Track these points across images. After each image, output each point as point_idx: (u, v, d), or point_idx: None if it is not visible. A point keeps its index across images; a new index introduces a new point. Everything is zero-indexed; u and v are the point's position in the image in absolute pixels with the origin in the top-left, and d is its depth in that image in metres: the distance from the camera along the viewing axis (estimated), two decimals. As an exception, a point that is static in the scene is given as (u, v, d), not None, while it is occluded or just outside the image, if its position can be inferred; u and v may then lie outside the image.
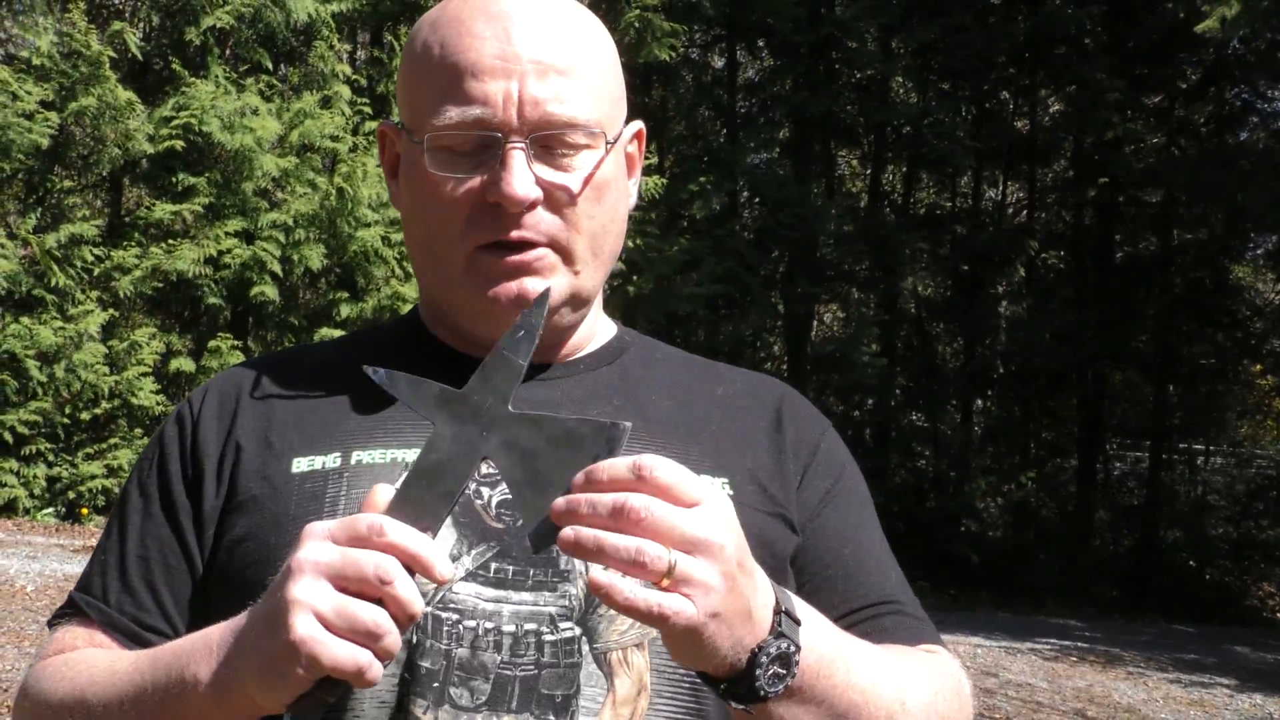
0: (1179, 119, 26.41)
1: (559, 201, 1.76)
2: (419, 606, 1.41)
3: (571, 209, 1.77)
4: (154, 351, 17.91)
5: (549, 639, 1.66)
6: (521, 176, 1.72)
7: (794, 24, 23.53)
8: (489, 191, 1.73)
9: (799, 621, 1.49)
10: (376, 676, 1.41)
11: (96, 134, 18.08)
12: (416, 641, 1.65)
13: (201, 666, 1.54)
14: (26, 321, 17.05)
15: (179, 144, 17.97)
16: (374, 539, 1.41)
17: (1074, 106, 25.63)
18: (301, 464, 1.78)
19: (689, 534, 1.36)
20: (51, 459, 17.35)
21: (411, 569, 1.41)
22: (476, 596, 1.67)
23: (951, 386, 26.34)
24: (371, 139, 19.21)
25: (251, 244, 18.14)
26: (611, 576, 1.34)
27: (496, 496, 1.72)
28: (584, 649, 1.66)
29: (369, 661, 1.40)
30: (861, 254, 25.30)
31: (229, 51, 19.35)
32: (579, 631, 1.67)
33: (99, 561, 1.87)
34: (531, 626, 1.66)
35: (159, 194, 18.67)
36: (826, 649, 1.55)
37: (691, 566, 1.36)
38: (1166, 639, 18.56)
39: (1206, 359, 26.52)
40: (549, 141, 1.74)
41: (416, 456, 1.46)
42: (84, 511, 17.18)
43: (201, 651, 1.56)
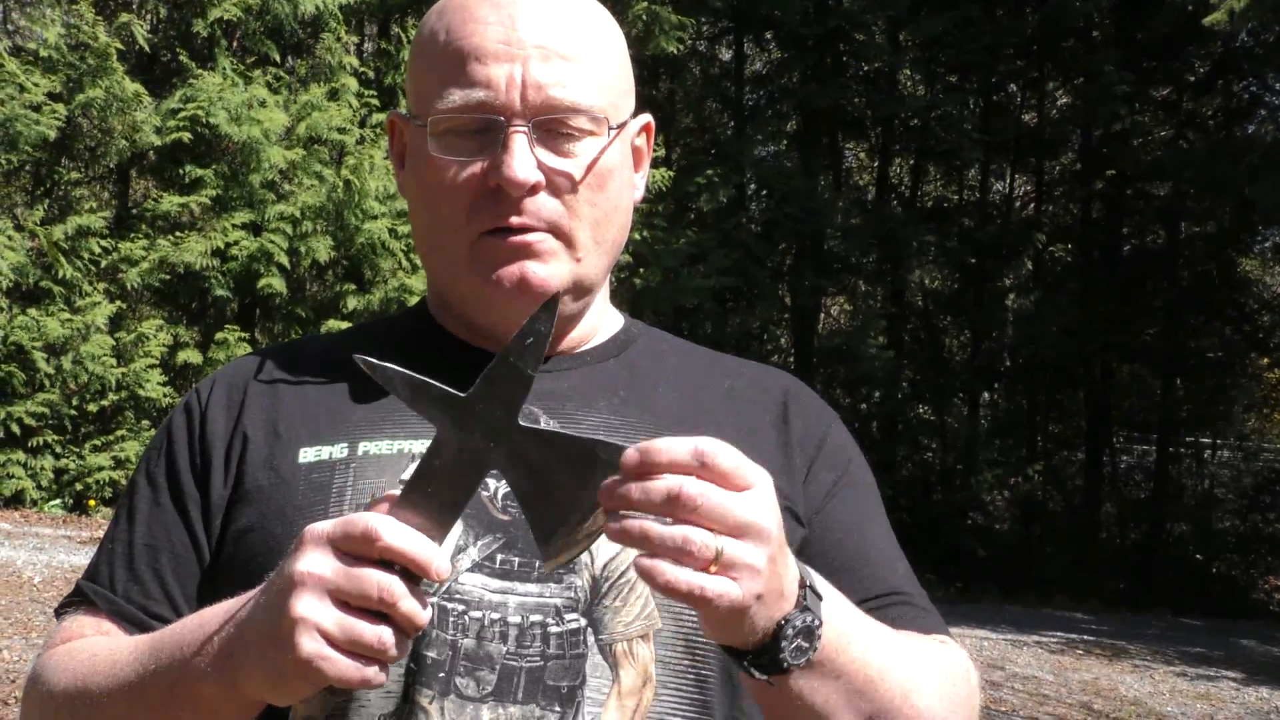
0: (1187, 112, 26.36)
1: (561, 187, 1.76)
2: (424, 619, 1.42)
3: (573, 195, 1.76)
4: (161, 343, 17.93)
5: (554, 630, 1.66)
6: (523, 160, 1.72)
7: (802, 16, 23.52)
8: (490, 175, 1.73)
9: (821, 596, 1.49)
10: (382, 681, 1.43)
11: (104, 126, 18.08)
12: (422, 632, 1.63)
13: (206, 664, 1.54)
14: (34, 313, 17.07)
15: (186, 136, 17.97)
16: (371, 545, 1.40)
17: (1082, 99, 25.61)
18: (308, 454, 1.78)
19: (741, 520, 1.35)
20: (59, 451, 17.37)
21: (412, 571, 1.41)
22: (483, 588, 1.67)
23: (958, 379, 26.32)
24: (379, 131, 19.22)
25: (259, 236, 18.15)
26: (654, 559, 1.34)
27: (503, 488, 1.71)
28: (589, 640, 1.66)
29: (374, 673, 1.41)
30: (869, 246, 25.27)
31: (236, 43, 19.34)
32: (584, 623, 1.67)
33: (106, 550, 1.87)
34: (537, 618, 1.66)
35: (166, 186, 18.67)
36: (845, 624, 1.55)
37: (740, 551, 1.36)
38: (1173, 632, 18.54)
39: (1214, 352, 26.49)
40: (552, 126, 1.74)
41: (418, 464, 1.45)
42: (91, 503, 17.20)
43: (204, 643, 1.55)
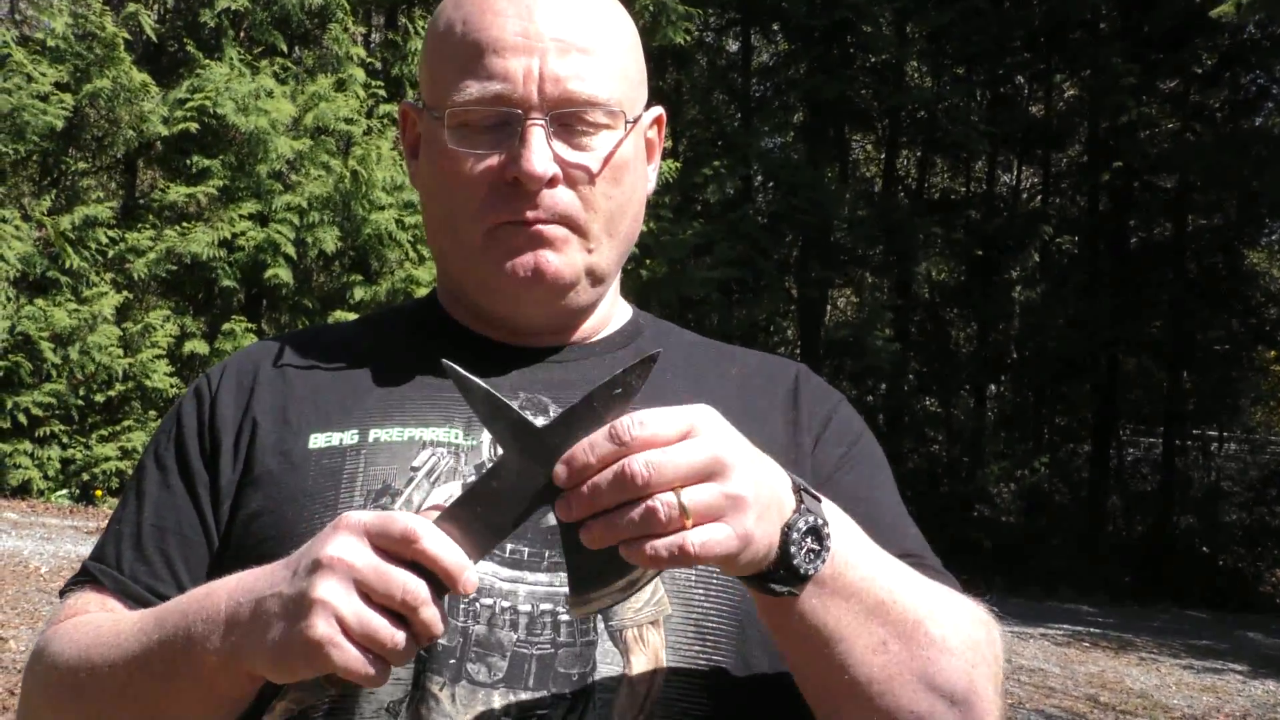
0: (1194, 104, 26.30)
1: (577, 180, 1.76)
2: (440, 629, 1.42)
3: (589, 188, 1.77)
4: (168, 334, 17.92)
5: (564, 618, 1.67)
6: (540, 153, 1.72)
7: (808, 8, 23.50)
8: (508, 168, 1.74)
9: (819, 499, 1.50)
10: (381, 684, 1.43)
11: (111, 116, 18.08)
12: None
13: (211, 634, 1.54)
14: (41, 303, 17.06)
15: (193, 126, 17.97)
16: (408, 546, 1.40)
17: (1089, 91, 25.58)
18: (319, 440, 1.78)
19: (697, 465, 1.36)
20: (65, 441, 17.38)
21: (439, 581, 1.41)
22: (493, 576, 1.67)
23: (965, 372, 26.33)
24: (386, 122, 19.22)
25: (265, 226, 18.14)
26: (633, 543, 1.35)
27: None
28: (599, 627, 1.67)
29: (379, 671, 1.41)
30: (875, 239, 25.26)
31: (243, 34, 19.34)
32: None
33: (114, 531, 1.87)
34: (547, 607, 1.67)
35: (173, 176, 18.67)
36: (852, 541, 1.56)
37: (709, 493, 1.36)
38: (1179, 625, 18.53)
39: (1221, 345, 26.44)
40: (569, 120, 1.75)
41: (474, 480, 1.45)
42: (98, 493, 17.21)
43: (210, 617, 1.55)
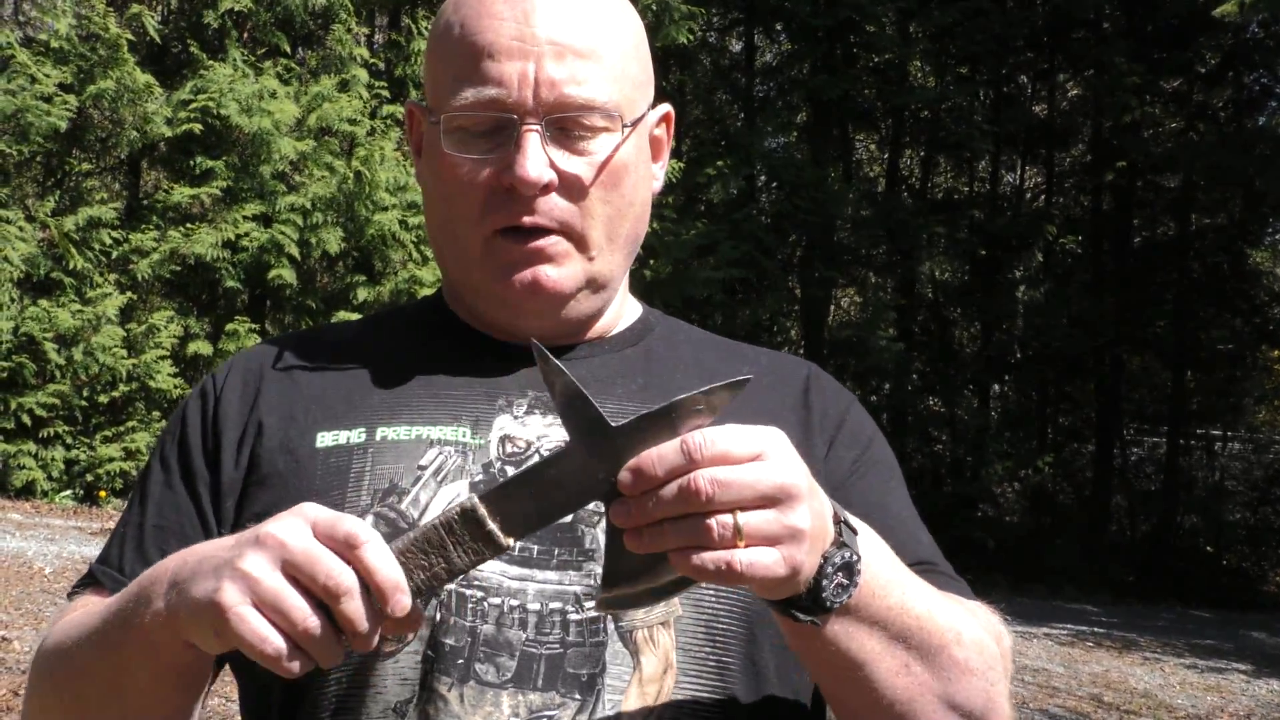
0: (1197, 103, 26.32)
1: (574, 186, 1.75)
2: (364, 627, 1.38)
3: (587, 194, 1.76)
4: (172, 334, 17.93)
5: (574, 617, 1.66)
6: (535, 159, 1.71)
7: (812, 8, 23.50)
8: (503, 175, 1.73)
9: (856, 531, 1.49)
10: (293, 671, 1.39)
11: (115, 117, 18.09)
12: (440, 619, 1.64)
13: (155, 596, 1.52)
14: (45, 304, 17.07)
15: (197, 127, 17.97)
16: (349, 549, 1.37)
17: (1092, 91, 25.59)
18: (326, 439, 1.78)
19: (764, 491, 1.34)
20: (69, 442, 17.38)
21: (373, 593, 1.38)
22: (501, 574, 1.67)
23: (969, 371, 26.32)
24: (389, 123, 19.22)
25: (269, 227, 18.14)
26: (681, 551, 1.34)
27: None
28: (609, 627, 1.66)
29: (280, 652, 1.37)
30: (879, 238, 25.28)
31: (247, 34, 19.34)
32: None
33: (119, 534, 1.87)
34: (556, 605, 1.66)
35: (177, 177, 18.67)
36: (883, 567, 1.54)
37: (772, 520, 1.35)
38: (1183, 624, 18.54)
39: (1224, 344, 26.45)
40: (565, 124, 1.74)
41: (534, 462, 1.43)
42: (102, 494, 17.21)
43: (159, 578, 1.54)
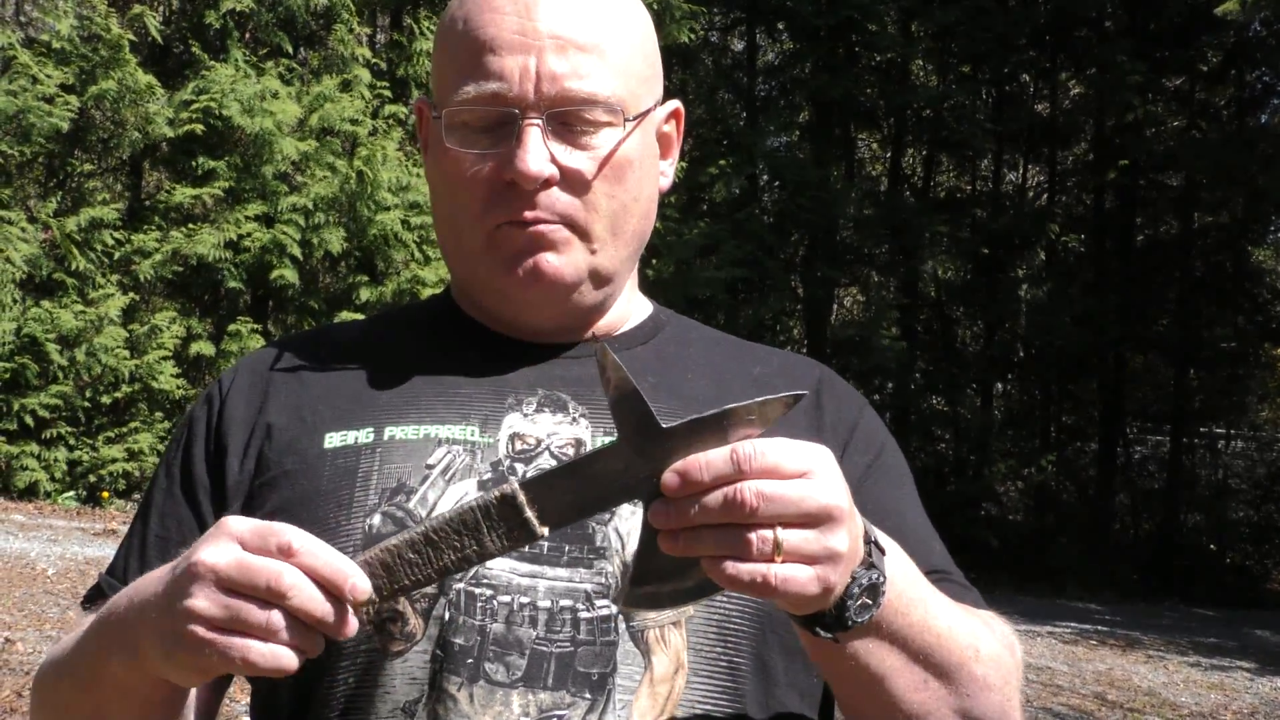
0: (1200, 102, 26.35)
1: (576, 181, 1.75)
2: (322, 616, 1.37)
3: (589, 188, 1.75)
4: (174, 335, 17.92)
5: (585, 616, 1.65)
6: (536, 153, 1.70)
7: (814, 7, 23.52)
8: (504, 169, 1.72)
9: (885, 552, 1.48)
10: (288, 666, 1.38)
11: (116, 118, 18.09)
12: (449, 618, 1.64)
13: (115, 636, 1.54)
14: (47, 305, 17.07)
15: (199, 128, 17.96)
16: (288, 558, 1.37)
17: (1094, 89, 25.59)
18: (334, 439, 1.77)
19: (809, 510, 1.33)
20: (72, 443, 17.37)
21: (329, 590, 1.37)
22: (511, 572, 1.66)
23: (971, 370, 26.34)
24: (391, 122, 19.23)
25: (271, 227, 18.14)
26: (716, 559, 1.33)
27: (530, 473, 1.70)
28: (620, 627, 1.65)
29: (264, 656, 1.36)
30: (881, 237, 25.30)
31: (249, 35, 19.34)
32: (615, 609, 1.65)
33: (125, 544, 1.88)
34: (567, 603, 1.65)
35: (179, 178, 18.67)
36: (907, 586, 1.53)
37: (813, 540, 1.34)
38: (1186, 622, 18.53)
39: (1227, 342, 26.46)
40: (567, 118, 1.73)
41: (580, 456, 1.41)
42: (104, 495, 17.21)
43: (115, 620, 1.55)
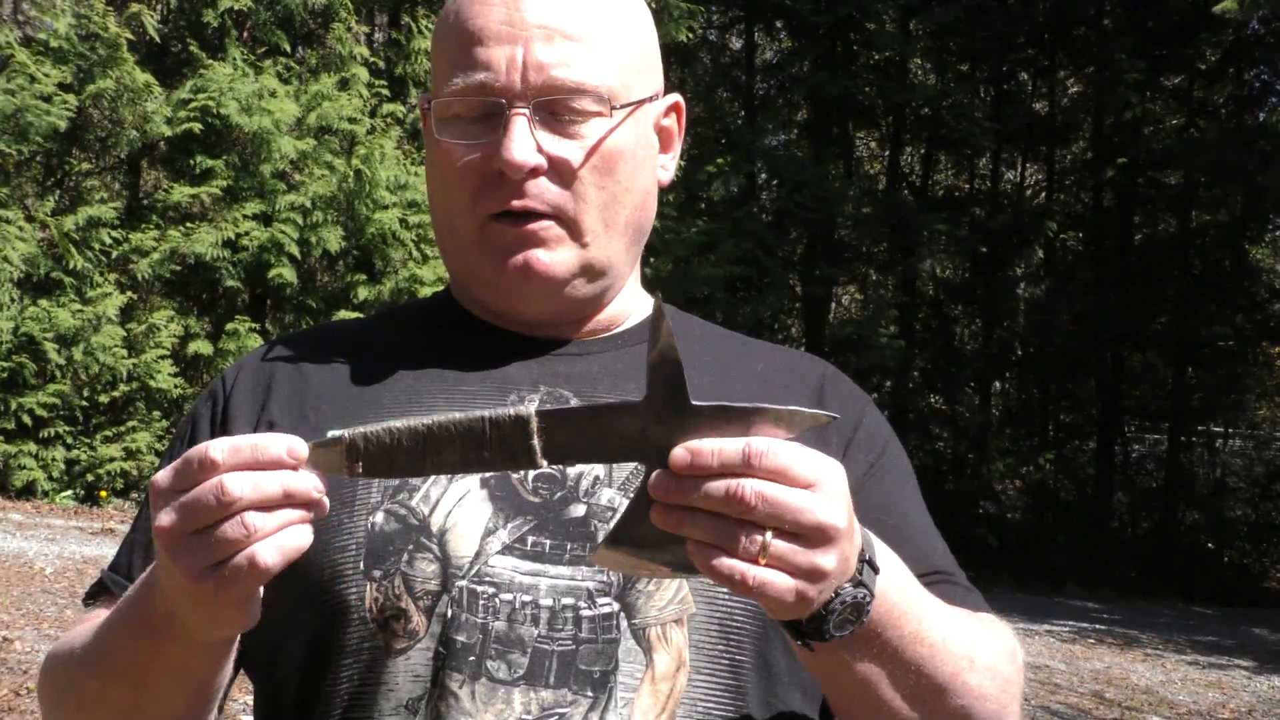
0: (1198, 100, 26.36)
1: (564, 170, 1.75)
2: (276, 490, 1.36)
3: (578, 178, 1.76)
4: (172, 334, 17.92)
5: (586, 614, 1.65)
6: (522, 142, 1.71)
7: (812, 5, 23.53)
8: (492, 159, 1.73)
9: (878, 570, 1.47)
10: (305, 540, 1.37)
11: (114, 116, 18.09)
12: (452, 615, 1.64)
13: (153, 622, 1.52)
14: (45, 304, 17.06)
15: (197, 126, 17.96)
16: (217, 469, 1.35)
17: (1093, 87, 25.59)
18: (334, 435, 1.76)
19: (805, 522, 1.32)
20: (70, 442, 17.37)
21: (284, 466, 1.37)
22: (513, 570, 1.66)
23: (970, 368, 26.33)
24: (389, 121, 19.23)
25: (269, 226, 18.13)
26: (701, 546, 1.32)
27: (533, 470, 1.71)
28: (622, 625, 1.65)
29: (272, 550, 1.35)
30: (880, 236, 25.31)
31: (246, 33, 19.33)
32: (617, 607, 1.66)
33: (128, 540, 1.88)
34: (569, 601, 1.65)
35: (177, 176, 18.66)
36: (900, 599, 1.52)
37: (800, 554, 1.33)
38: (1185, 621, 18.54)
39: (1226, 341, 26.45)
40: (555, 108, 1.73)
41: (599, 403, 1.40)
42: (102, 494, 17.20)
43: (143, 608, 1.54)
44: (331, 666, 1.67)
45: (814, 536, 1.33)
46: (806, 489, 1.33)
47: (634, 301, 1.94)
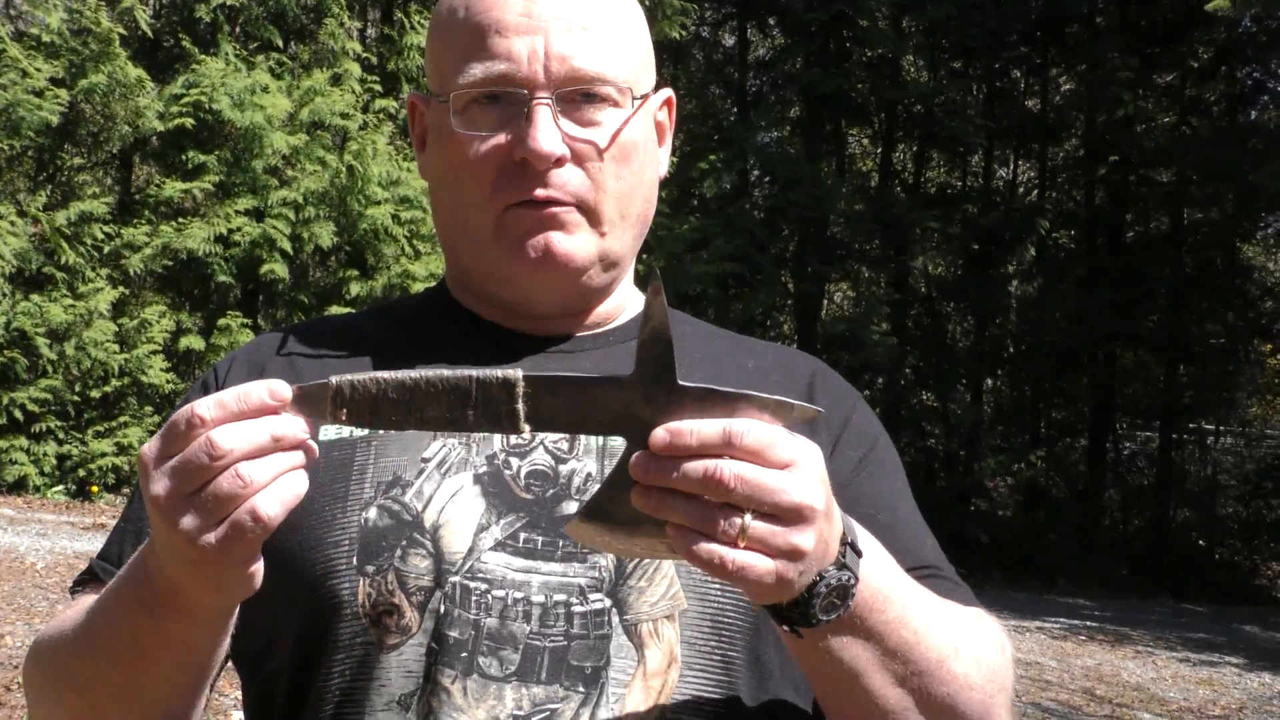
0: (1190, 98, 26.38)
1: (586, 158, 1.75)
2: (262, 438, 1.34)
3: (599, 167, 1.76)
4: (164, 329, 17.90)
5: (578, 610, 1.65)
6: (547, 132, 1.71)
7: (805, 2, 23.56)
8: (515, 149, 1.73)
9: (861, 554, 1.47)
10: (301, 486, 1.36)
11: (106, 111, 18.06)
12: (444, 611, 1.64)
13: (152, 598, 1.50)
14: (37, 299, 17.04)
15: (189, 122, 17.94)
16: (203, 426, 1.34)
17: (1085, 85, 25.63)
18: (329, 432, 1.76)
19: (782, 502, 1.32)
20: (61, 437, 17.36)
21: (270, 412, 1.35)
22: (505, 566, 1.66)
23: (962, 366, 26.36)
24: (381, 117, 19.22)
25: (261, 222, 18.12)
26: (681, 529, 1.32)
27: (526, 467, 1.71)
28: (614, 620, 1.65)
29: (271, 500, 1.34)
30: (872, 233, 25.32)
31: (239, 29, 19.31)
32: (609, 603, 1.65)
33: (119, 529, 1.88)
34: (561, 597, 1.65)
35: (169, 172, 18.64)
36: (884, 584, 1.52)
37: (779, 534, 1.33)
38: (1176, 618, 18.56)
39: (1217, 338, 26.51)
40: (576, 98, 1.74)
41: (586, 376, 1.39)
42: (94, 489, 17.19)
43: (140, 585, 1.52)
44: (323, 662, 1.66)
45: (792, 517, 1.33)
46: (783, 470, 1.33)
47: (629, 297, 1.94)
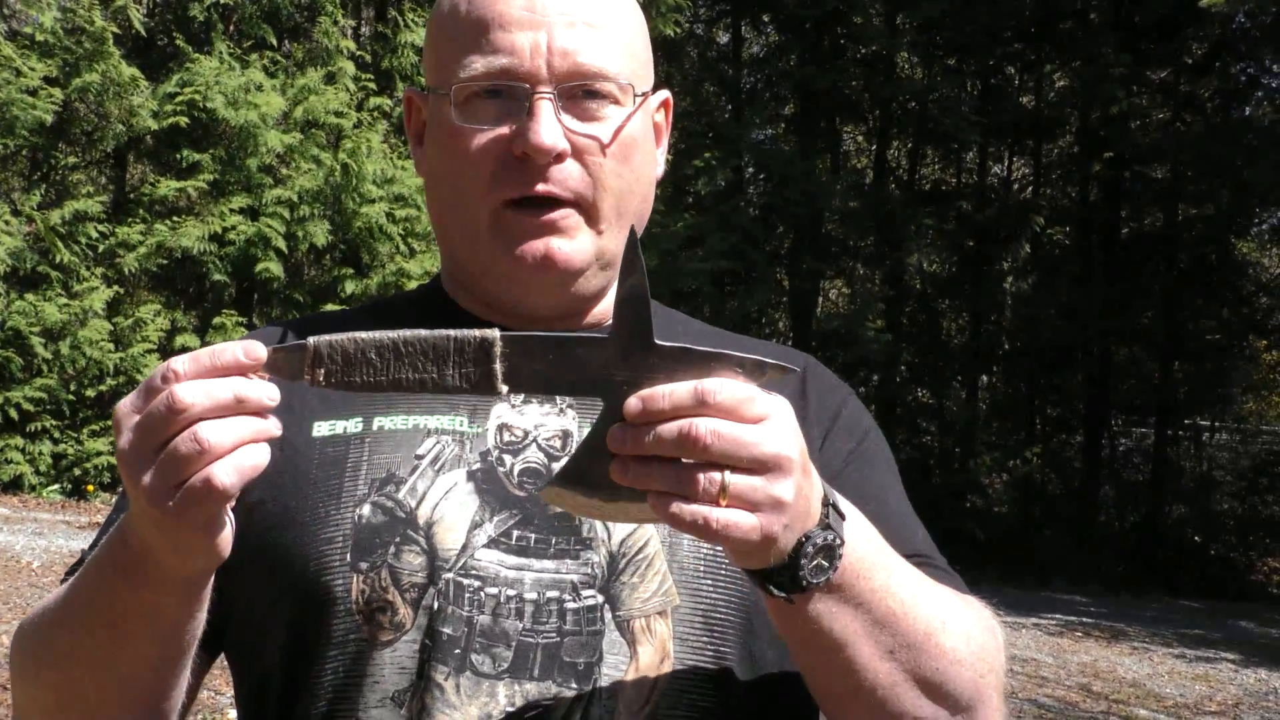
0: (1185, 94, 26.34)
1: (586, 154, 1.75)
2: (226, 396, 1.34)
3: (599, 164, 1.76)
4: (159, 328, 17.90)
5: (571, 606, 1.65)
6: (549, 126, 1.71)
7: (799, -1, 23.53)
8: (516, 143, 1.72)
9: (844, 516, 1.48)
10: (261, 459, 1.35)
11: (100, 110, 18.06)
12: (438, 608, 1.64)
13: (121, 564, 1.51)
14: (31, 298, 17.05)
15: (183, 120, 17.94)
16: (178, 380, 1.35)
17: (1080, 82, 25.58)
18: (323, 428, 1.77)
19: (759, 455, 1.33)
20: (57, 436, 17.36)
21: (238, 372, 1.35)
22: (499, 564, 1.66)
23: (957, 363, 26.36)
24: (376, 115, 19.21)
25: (256, 220, 18.12)
26: (662, 496, 1.32)
27: (519, 465, 1.71)
28: (606, 617, 1.65)
29: (228, 469, 1.33)
30: (867, 230, 25.30)
31: (233, 27, 19.31)
32: (601, 599, 1.66)
33: (110, 521, 1.84)
34: (554, 594, 1.65)
35: (163, 170, 18.66)
36: (869, 550, 1.52)
37: (758, 486, 1.34)
38: (1171, 614, 18.57)
39: (1212, 335, 26.47)
40: (578, 93, 1.74)
41: (571, 335, 1.40)
42: (89, 488, 17.19)
43: (111, 553, 1.53)
44: (316, 658, 1.66)
45: (770, 467, 1.34)
46: (757, 423, 1.34)
47: None
